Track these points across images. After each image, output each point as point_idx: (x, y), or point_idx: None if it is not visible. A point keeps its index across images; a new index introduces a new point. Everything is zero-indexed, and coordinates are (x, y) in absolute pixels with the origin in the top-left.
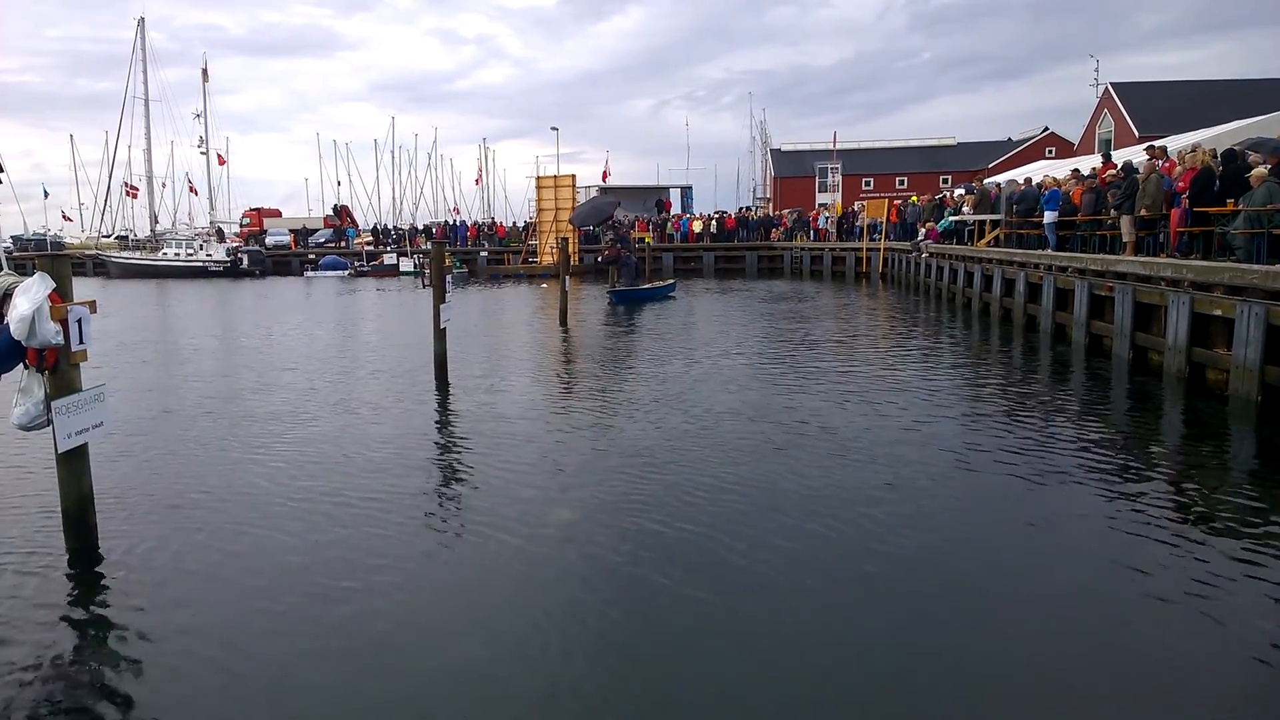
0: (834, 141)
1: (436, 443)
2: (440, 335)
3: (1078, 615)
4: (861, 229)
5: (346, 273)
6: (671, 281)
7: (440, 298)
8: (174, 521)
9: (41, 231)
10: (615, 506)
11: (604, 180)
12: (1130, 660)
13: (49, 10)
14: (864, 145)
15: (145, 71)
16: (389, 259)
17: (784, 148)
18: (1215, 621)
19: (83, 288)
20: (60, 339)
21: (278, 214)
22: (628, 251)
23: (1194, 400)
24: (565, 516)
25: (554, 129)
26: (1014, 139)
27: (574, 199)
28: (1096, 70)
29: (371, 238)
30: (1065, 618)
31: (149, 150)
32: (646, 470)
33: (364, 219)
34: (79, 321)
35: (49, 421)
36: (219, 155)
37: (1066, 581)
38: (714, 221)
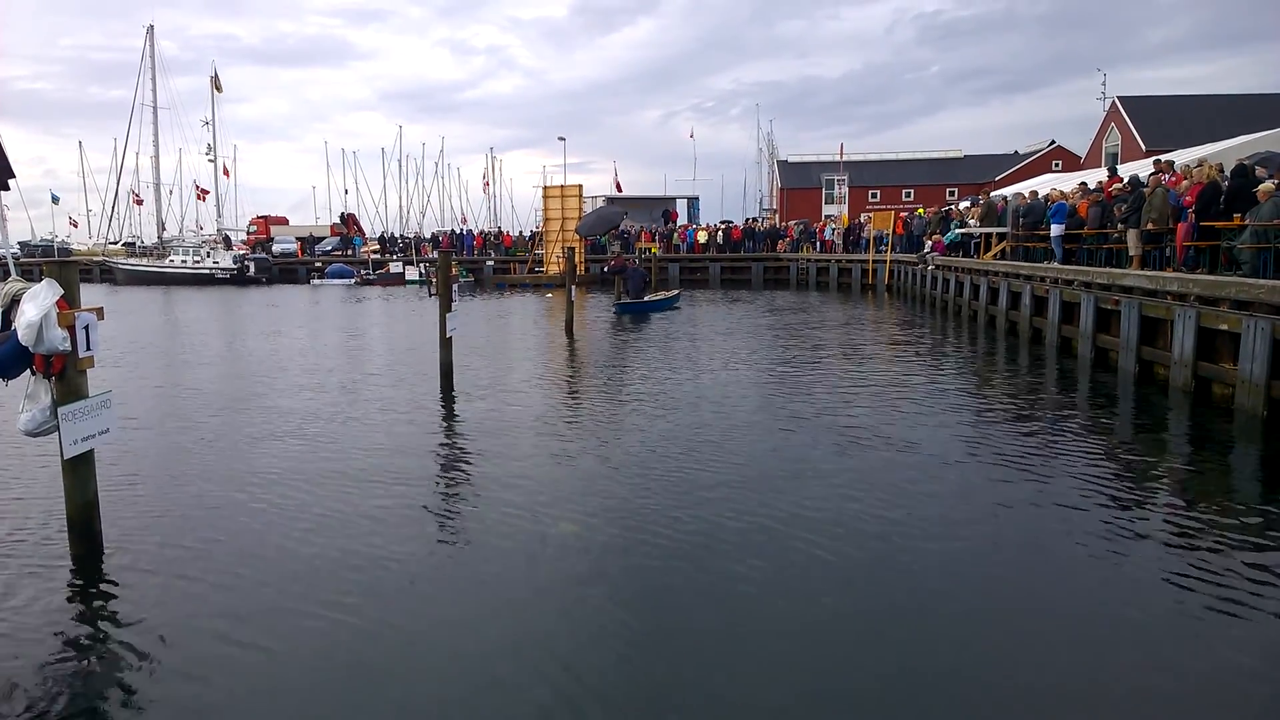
0: (840, 153)
1: (442, 452)
2: (446, 344)
3: (1080, 630)
4: (868, 241)
5: (353, 281)
6: (676, 293)
7: (446, 306)
8: (179, 528)
9: (49, 238)
10: (620, 516)
11: (617, 190)
12: (1131, 676)
13: (63, 19)
14: (871, 157)
15: (154, 80)
16: (395, 268)
17: (790, 159)
18: (1221, 636)
19: (89, 294)
20: (67, 345)
21: (285, 222)
22: (635, 264)
23: (1200, 414)
24: (570, 527)
25: (561, 139)
26: (1021, 152)
27: (580, 209)
28: (1104, 84)
29: (378, 246)
30: (1066, 632)
31: (157, 158)
32: (652, 481)
33: (371, 227)
34: (86, 328)
35: (55, 427)
36: (224, 167)
37: (1069, 596)
38: (720, 232)
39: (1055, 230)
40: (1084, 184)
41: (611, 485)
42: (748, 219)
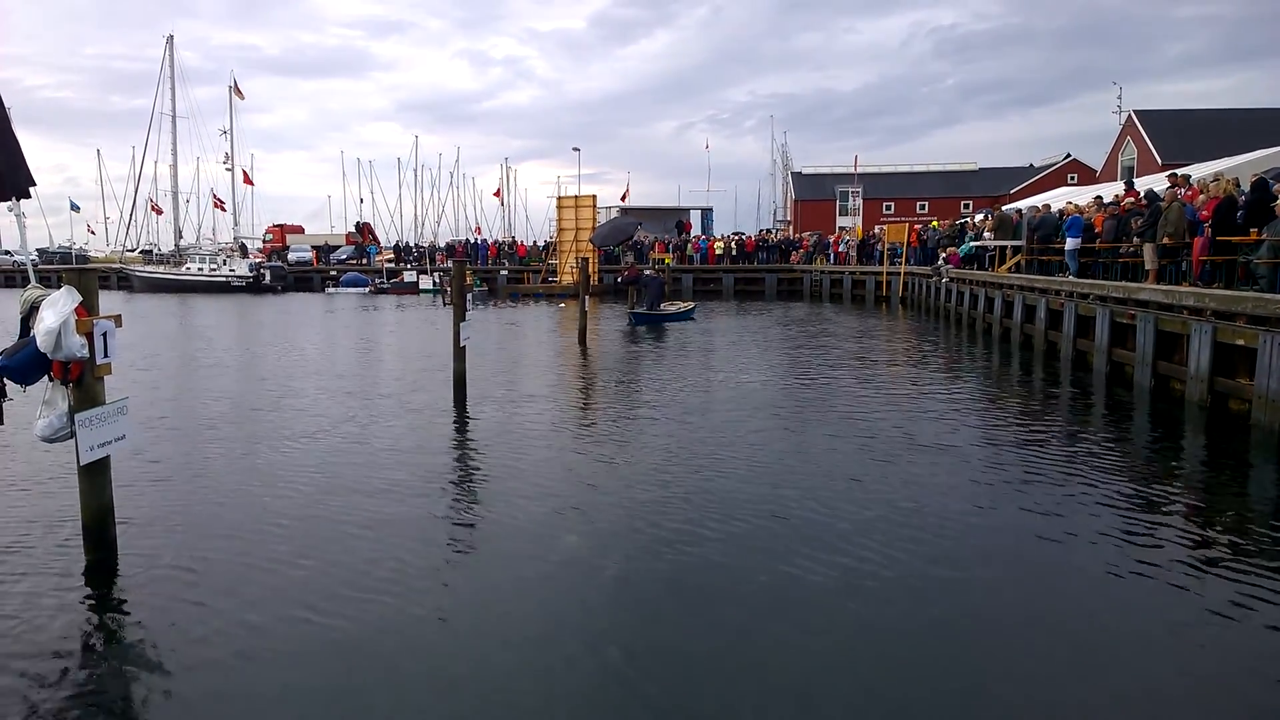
0: (855, 165)
1: (454, 461)
2: (460, 353)
3: (1094, 643)
4: (882, 253)
5: (367, 290)
6: (692, 305)
7: (460, 316)
8: (193, 535)
9: (67, 245)
10: (631, 528)
11: (623, 200)
12: (1146, 688)
13: (87, 29)
14: (885, 169)
15: (173, 89)
16: (409, 276)
17: (805, 170)
18: (1232, 650)
19: (106, 301)
20: (85, 352)
21: (300, 230)
22: (651, 272)
23: (1216, 430)
24: (577, 540)
25: (575, 149)
26: (1036, 165)
27: (594, 219)
28: (1120, 97)
29: (393, 255)
30: (1080, 645)
31: (175, 166)
32: (662, 493)
33: (385, 236)
34: (104, 335)
35: (72, 434)
36: (245, 174)
37: (1082, 607)
38: (734, 243)
39: (1070, 244)
40: (1099, 197)
41: (623, 495)
42: (761, 230)
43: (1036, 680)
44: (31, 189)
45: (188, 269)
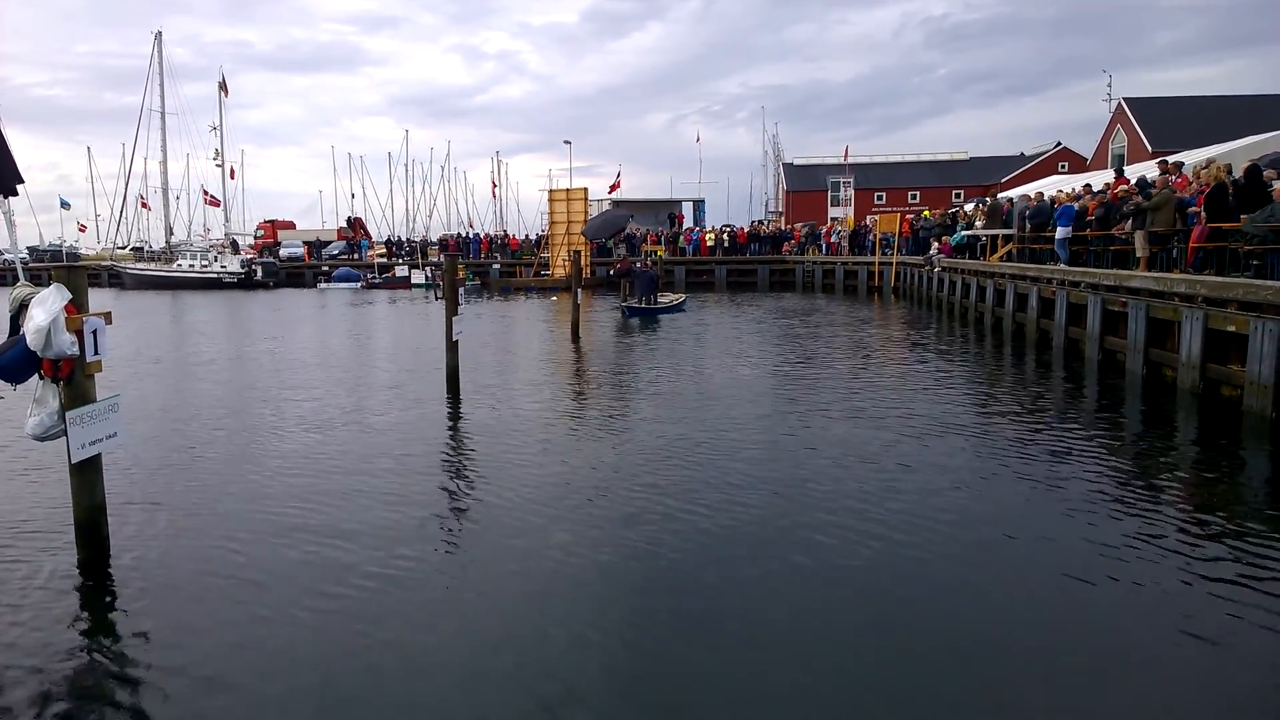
0: (845, 155)
1: (447, 456)
2: (452, 348)
3: (1086, 629)
4: (874, 243)
5: (359, 285)
6: (682, 298)
7: (452, 310)
8: (186, 532)
9: (57, 242)
10: (624, 522)
11: (611, 193)
12: (1139, 675)
13: (80, 26)
14: (876, 159)
15: (162, 85)
16: (401, 271)
17: (796, 161)
18: (1226, 635)
19: (97, 299)
20: (75, 350)
21: (292, 226)
22: (643, 265)
23: (1208, 416)
24: (568, 536)
25: (566, 142)
26: (1027, 154)
27: (586, 212)
28: (1109, 86)
29: (384, 250)
30: (1073, 631)
31: (165, 163)
32: (655, 487)
33: (377, 231)
34: (94, 333)
35: (63, 432)
36: (231, 169)
37: (1076, 596)
38: (726, 235)
39: (1060, 233)
40: (1088, 186)
41: (616, 490)
42: (753, 221)
43: (1030, 658)
44: (19, 186)
45: (179, 266)
